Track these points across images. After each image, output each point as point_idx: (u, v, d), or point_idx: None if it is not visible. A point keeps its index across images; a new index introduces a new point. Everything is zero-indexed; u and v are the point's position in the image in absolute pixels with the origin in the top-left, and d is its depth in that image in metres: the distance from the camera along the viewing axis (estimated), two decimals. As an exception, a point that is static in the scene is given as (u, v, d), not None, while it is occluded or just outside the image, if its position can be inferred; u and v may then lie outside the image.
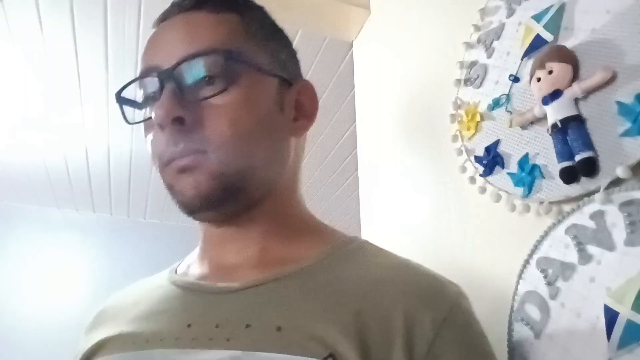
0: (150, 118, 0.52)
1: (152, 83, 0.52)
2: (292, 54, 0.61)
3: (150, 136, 0.53)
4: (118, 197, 3.48)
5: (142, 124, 0.56)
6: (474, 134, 0.92)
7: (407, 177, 1.18)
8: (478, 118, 0.91)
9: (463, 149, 0.94)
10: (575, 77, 0.71)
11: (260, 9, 0.60)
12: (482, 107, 0.91)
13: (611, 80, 0.66)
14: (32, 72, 2.25)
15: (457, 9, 1.06)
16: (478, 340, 0.51)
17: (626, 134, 0.64)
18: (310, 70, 2.28)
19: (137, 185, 3.36)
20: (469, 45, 0.97)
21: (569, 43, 0.74)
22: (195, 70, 0.50)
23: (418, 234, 1.11)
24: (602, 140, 0.67)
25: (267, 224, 0.56)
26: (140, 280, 0.63)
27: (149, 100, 0.54)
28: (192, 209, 0.51)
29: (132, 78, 0.56)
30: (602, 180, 0.66)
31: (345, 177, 3.29)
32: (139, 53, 2.16)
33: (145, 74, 0.54)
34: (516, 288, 0.78)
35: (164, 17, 0.56)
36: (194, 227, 0.63)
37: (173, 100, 0.49)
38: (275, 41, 0.59)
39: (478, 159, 0.89)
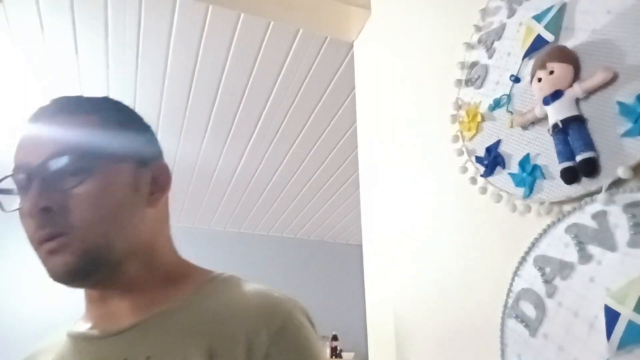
0: (21, 207, 0.61)
1: (23, 178, 0.62)
2: (148, 138, 0.72)
3: (22, 221, 0.62)
4: (118, 197, 3.47)
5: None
6: (474, 135, 0.91)
7: (408, 177, 1.18)
8: (479, 118, 0.91)
9: (464, 149, 0.94)
10: (576, 77, 0.71)
11: (117, 105, 0.70)
12: (483, 108, 0.90)
13: (612, 80, 0.66)
14: (32, 72, 2.25)
15: (457, 10, 1.06)
16: (307, 346, 0.62)
17: (627, 134, 0.64)
18: (310, 70, 2.28)
19: (137, 185, 3.35)
20: (469, 46, 0.97)
21: (569, 43, 0.74)
22: (58, 166, 0.60)
23: (418, 234, 1.11)
24: (603, 141, 0.67)
25: (133, 280, 0.66)
26: (54, 332, 0.74)
27: (21, 191, 0.63)
28: (64, 282, 0.62)
29: (132, 81, 0.62)
30: (603, 180, 0.66)
31: (345, 177, 3.29)
32: (139, 53, 2.16)
33: (16, 170, 0.63)
34: (511, 285, 0.78)
35: (34, 120, 0.66)
36: (193, 228, 0.67)
37: (40, 192, 0.59)
38: (132, 131, 0.69)
39: (479, 160, 0.89)
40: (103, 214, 0.61)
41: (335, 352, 3.81)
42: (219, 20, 1.99)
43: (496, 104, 0.87)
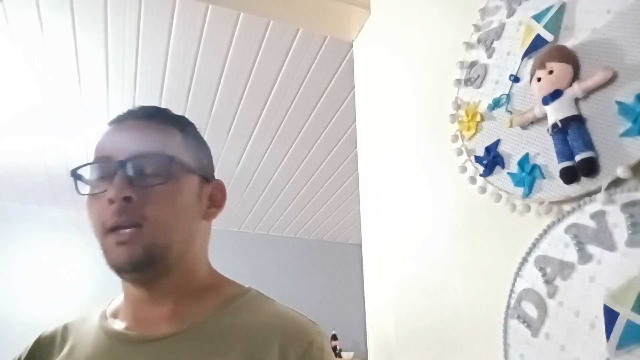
0: (99, 193, 0.67)
1: (107, 168, 0.67)
2: (210, 159, 0.79)
3: (95, 206, 0.67)
4: (118, 197, 3.47)
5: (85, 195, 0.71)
6: (474, 134, 0.92)
7: (407, 177, 1.18)
8: (478, 118, 0.91)
9: (463, 149, 0.94)
10: (575, 77, 0.71)
11: (193, 126, 0.78)
12: (483, 107, 0.90)
13: (611, 80, 0.66)
14: (32, 72, 2.25)
15: (457, 9, 1.06)
16: None
17: (626, 133, 0.64)
18: (310, 69, 2.28)
19: (137, 185, 3.35)
20: (469, 45, 0.97)
21: (569, 43, 0.74)
22: (144, 165, 0.67)
23: (418, 234, 1.11)
24: (602, 140, 0.67)
25: (176, 287, 0.70)
26: (86, 311, 0.78)
27: (98, 179, 0.68)
28: (122, 270, 0.66)
29: (132, 80, 0.65)
30: (603, 180, 0.66)
31: (345, 177, 3.29)
32: (139, 53, 2.16)
33: (101, 160, 0.69)
34: (513, 285, 0.78)
35: (119, 120, 0.73)
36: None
37: (124, 183, 0.65)
38: (200, 150, 0.77)
39: (478, 159, 0.89)
40: (174, 215, 0.68)
41: (334, 351, 3.81)
42: (219, 19, 1.99)
43: (495, 104, 0.87)
